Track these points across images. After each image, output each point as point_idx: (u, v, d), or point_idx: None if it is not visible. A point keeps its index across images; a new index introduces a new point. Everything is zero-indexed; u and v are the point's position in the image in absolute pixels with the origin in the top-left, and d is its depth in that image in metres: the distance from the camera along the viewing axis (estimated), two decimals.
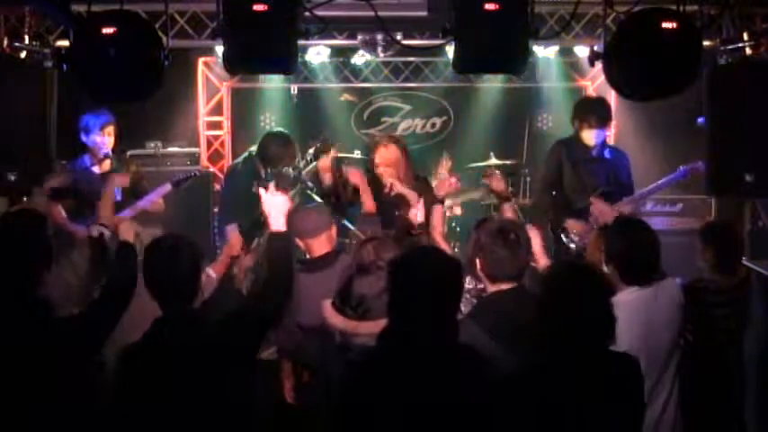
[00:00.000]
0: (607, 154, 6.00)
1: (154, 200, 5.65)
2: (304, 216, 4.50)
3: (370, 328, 3.80)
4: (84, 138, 5.61)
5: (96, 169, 5.66)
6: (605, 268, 3.74)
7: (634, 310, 3.61)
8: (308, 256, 4.48)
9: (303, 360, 4.41)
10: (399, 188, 5.13)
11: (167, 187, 5.73)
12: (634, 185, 6.05)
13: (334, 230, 4.51)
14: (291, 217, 4.59)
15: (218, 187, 7.55)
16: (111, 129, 5.63)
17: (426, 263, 2.87)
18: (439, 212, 4.70)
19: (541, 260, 3.91)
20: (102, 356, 3.46)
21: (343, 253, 4.47)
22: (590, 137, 5.90)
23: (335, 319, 4.04)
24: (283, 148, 6.04)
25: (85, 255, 4.96)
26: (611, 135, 7.14)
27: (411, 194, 5.05)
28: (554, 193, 6.06)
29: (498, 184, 4.74)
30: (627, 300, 3.64)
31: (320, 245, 4.41)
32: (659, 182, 6.07)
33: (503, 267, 3.47)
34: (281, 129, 6.41)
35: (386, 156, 5.36)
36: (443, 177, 7.29)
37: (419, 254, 3.06)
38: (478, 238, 3.65)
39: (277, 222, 3.41)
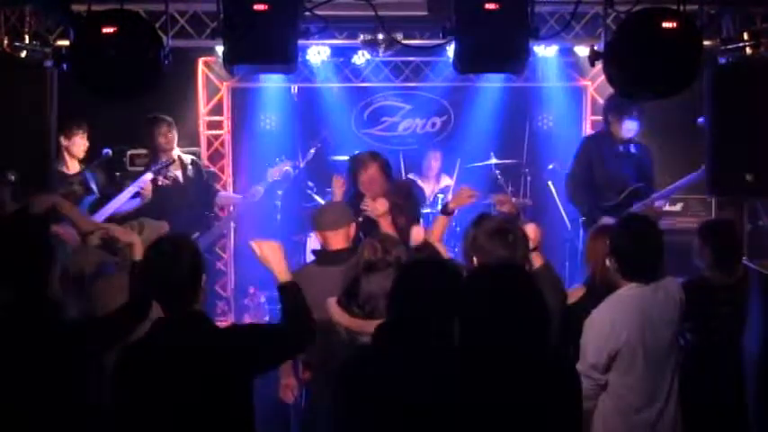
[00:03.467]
0: (633, 149, 6.09)
1: (146, 182, 5.96)
2: (326, 209, 4.57)
3: None
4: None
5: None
6: (607, 262, 3.75)
7: (632, 307, 3.62)
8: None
9: (305, 357, 4.40)
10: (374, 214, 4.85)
11: (149, 175, 6.04)
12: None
13: (353, 228, 4.51)
14: (315, 210, 4.63)
15: (218, 186, 7.57)
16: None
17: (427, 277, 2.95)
18: (442, 223, 4.63)
19: (536, 261, 3.90)
20: (102, 357, 3.46)
21: (357, 253, 4.45)
22: (629, 128, 6.03)
23: (342, 318, 4.02)
24: (149, 127, 6.40)
25: (81, 257, 4.96)
26: None
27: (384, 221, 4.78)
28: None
29: (508, 207, 4.70)
30: (625, 295, 3.65)
31: (337, 240, 4.41)
32: (677, 183, 6.11)
33: None
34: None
35: (369, 175, 5.24)
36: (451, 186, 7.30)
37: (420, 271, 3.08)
38: (476, 237, 3.65)
39: (281, 272, 3.21)
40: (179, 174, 6.46)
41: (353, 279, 4.01)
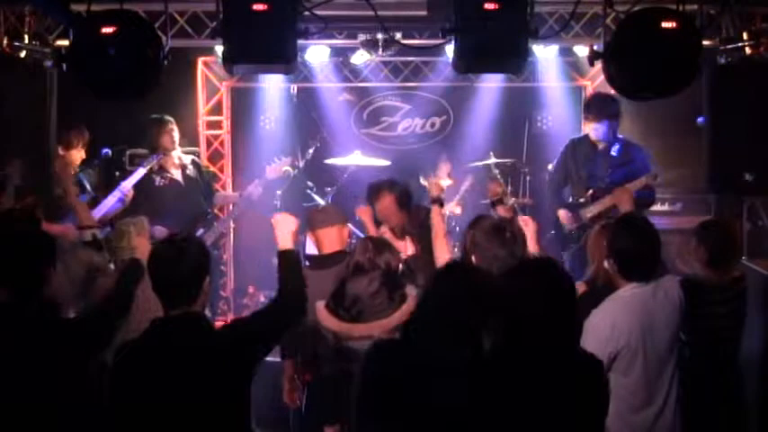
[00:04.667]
0: (615, 151, 6.08)
1: (128, 188, 5.89)
2: (317, 209, 4.70)
3: (363, 331, 3.79)
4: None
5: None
6: (605, 263, 3.75)
7: (632, 308, 3.61)
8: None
9: (303, 359, 4.40)
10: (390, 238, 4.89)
11: (141, 171, 6.00)
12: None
13: (346, 230, 4.50)
14: (308, 212, 4.66)
15: (218, 186, 7.56)
16: None
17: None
18: (437, 213, 4.59)
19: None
20: (103, 356, 3.47)
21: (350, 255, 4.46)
22: (590, 130, 6.10)
23: (329, 322, 4.00)
24: (154, 127, 6.31)
25: (78, 256, 4.98)
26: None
27: (400, 245, 4.87)
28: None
29: (492, 186, 4.74)
30: (625, 296, 3.65)
31: (330, 241, 4.40)
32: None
33: (500, 266, 3.47)
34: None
35: (384, 206, 5.20)
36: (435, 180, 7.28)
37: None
38: (474, 236, 3.65)
39: (284, 240, 3.42)
40: (178, 174, 6.43)
41: (340, 281, 4.01)
